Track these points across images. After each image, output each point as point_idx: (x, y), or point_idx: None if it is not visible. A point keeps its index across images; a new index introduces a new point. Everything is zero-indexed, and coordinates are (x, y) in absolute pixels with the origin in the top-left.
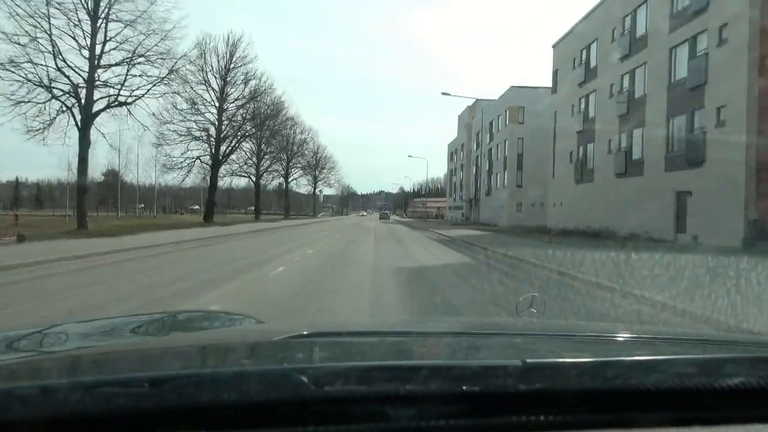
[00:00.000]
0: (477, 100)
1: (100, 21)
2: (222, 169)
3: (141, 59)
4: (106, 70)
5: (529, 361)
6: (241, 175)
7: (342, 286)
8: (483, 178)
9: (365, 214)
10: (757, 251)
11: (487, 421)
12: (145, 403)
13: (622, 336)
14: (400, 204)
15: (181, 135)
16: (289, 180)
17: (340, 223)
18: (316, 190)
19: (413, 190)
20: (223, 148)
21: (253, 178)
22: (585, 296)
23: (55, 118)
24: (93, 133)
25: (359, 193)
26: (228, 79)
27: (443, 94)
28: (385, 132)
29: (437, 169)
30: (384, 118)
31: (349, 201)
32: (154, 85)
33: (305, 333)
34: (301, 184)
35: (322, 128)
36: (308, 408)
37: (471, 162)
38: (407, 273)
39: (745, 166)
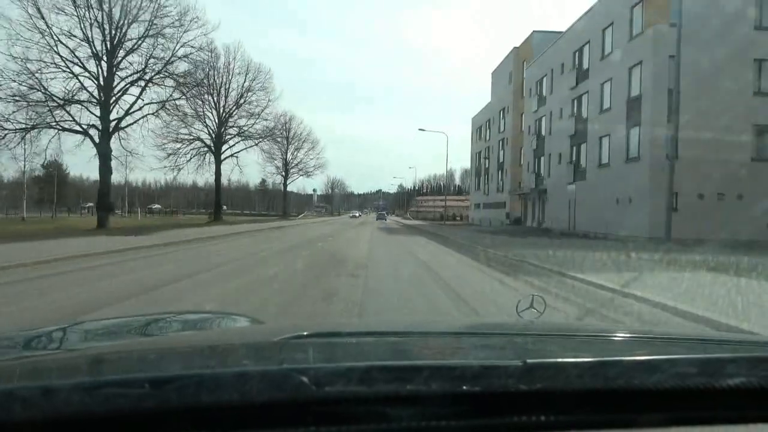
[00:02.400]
0: (533, 32)
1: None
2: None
3: None
4: None
5: (529, 361)
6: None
7: None
8: (551, 154)
9: (359, 215)
10: None
11: (488, 421)
12: (147, 404)
13: (622, 336)
14: (400, 203)
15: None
16: (233, 149)
17: (303, 234)
18: (299, 187)
19: (414, 187)
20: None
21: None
22: None
23: None
24: None
25: (356, 192)
26: None
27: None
28: (384, 132)
29: (436, 167)
30: (384, 118)
31: (345, 201)
32: None
33: (306, 333)
34: (269, 173)
35: (321, 128)
36: (309, 408)
37: (526, 132)
38: None
39: None
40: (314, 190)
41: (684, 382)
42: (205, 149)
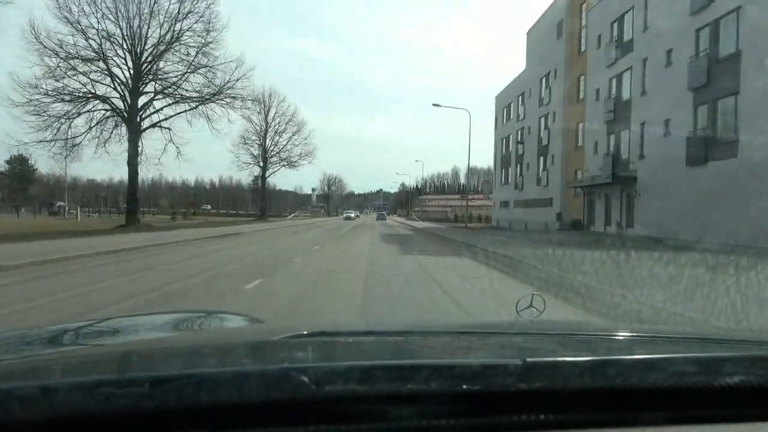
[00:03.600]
0: None
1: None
2: None
3: None
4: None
5: (529, 360)
6: None
7: None
8: (647, 123)
9: (356, 215)
10: None
11: (487, 420)
12: (146, 403)
13: (622, 335)
14: (403, 203)
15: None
16: (158, 117)
17: (237, 258)
18: (296, 186)
19: (417, 186)
20: None
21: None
22: None
23: None
24: None
25: (357, 192)
26: None
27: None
28: (384, 132)
29: (439, 166)
30: (384, 119)
31: (344, 201)
32: None
33: (305, 333)
34: (243, 163)
35: (321, 128)
36: (309, 408)
37: (591, 98)
38: None
39: None
40: (313, 189)
41: (683, 380)
42: (114, 114)
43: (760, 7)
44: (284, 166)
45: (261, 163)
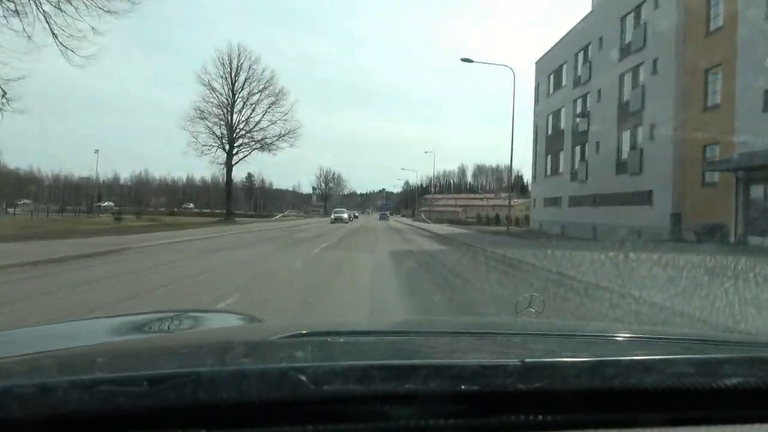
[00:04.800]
0: None
1: None
2: None
3: None
4: None
5: (528, 360)
6: None
7: None
8: None
9: (351, 216)
10: None
11: (486, 420)
12: (144, 402)
13: (620, 336)
14: (406, 203)
15: None
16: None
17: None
18: (294, 185)
19: (422, 185)
20: None
21: None
22: None
23: None
24: None
25: (359, 192)
26: None
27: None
28: (383, 133)
29: (439, 165)
30: (383, 120)
31: (345, 201)
32: None
33: (304, 332)
34: (204, 147)
35: (320, 129)
36: (307, 407)
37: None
38: None
39: None
40: (314, 189)
41: (682, 382)
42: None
43: None
44: (258, 149)
45: (226, 146)
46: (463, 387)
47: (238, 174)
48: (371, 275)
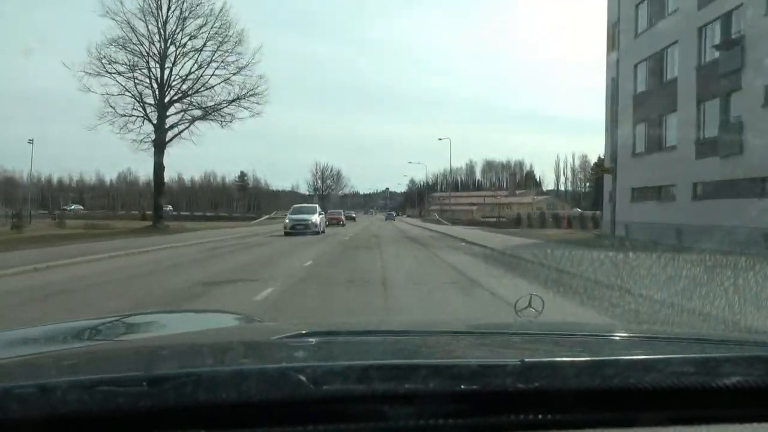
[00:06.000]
0: None
1: None
2: None
3: None
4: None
5: (527, 360)
6: None
7: None
8: None
9: (347, 217)
10: None
11: (485, 420)
12: (144, 402)
13: (620, 335)
14: (412, 202)
15: None
16: None
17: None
18: (293, 184)
19: (428, 182)
20: None
21: None
22: None
23: None
24: None
25: (361, 192)
26: None
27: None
28: (385, 133)
29: (442, 164)
30: (384, 119)
31: (346, 200)
32: None
33: (304, 332)
34: (123, 114)
35: (322, 128)
36: (307, 407)
37: None
38: None
39: None
40: (315, 189)
41: (681, 381)
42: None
43: None
44: (203, 118)
45: (155, 109)
46: (462, 387)
47: (233, 172)
48: None
